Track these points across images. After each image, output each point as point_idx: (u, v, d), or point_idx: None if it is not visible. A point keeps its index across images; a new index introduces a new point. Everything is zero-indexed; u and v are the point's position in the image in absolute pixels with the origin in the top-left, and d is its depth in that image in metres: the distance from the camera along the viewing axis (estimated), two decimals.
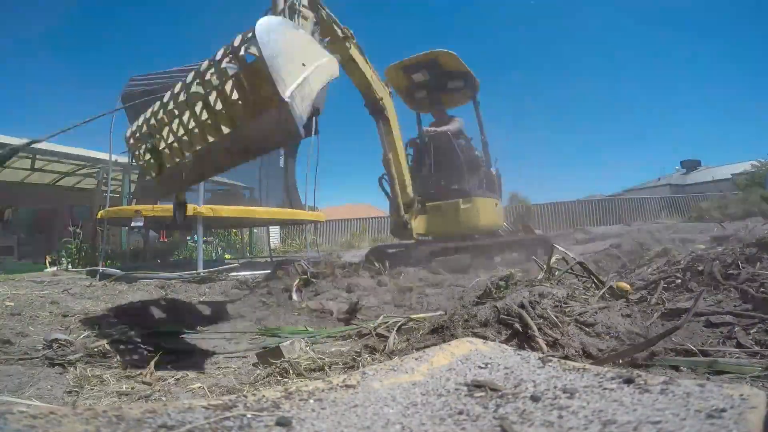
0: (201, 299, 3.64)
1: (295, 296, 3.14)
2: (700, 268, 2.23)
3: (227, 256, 10.56)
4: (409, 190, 4.54)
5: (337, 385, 0.83)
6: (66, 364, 1.81)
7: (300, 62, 1.53)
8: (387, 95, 4.32)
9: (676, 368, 1.39)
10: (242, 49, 1.49)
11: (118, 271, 5.04)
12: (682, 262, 2.54)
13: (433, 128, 5.38)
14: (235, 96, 1.60)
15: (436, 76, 5.33)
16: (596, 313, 1.72)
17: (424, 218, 4.76)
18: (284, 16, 2.33)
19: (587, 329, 1.63)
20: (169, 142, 1.97)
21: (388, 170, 4.48)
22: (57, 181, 12.84)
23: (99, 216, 6.26)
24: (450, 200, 4.82)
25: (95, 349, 1.97)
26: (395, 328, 2.12)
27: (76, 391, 1.52)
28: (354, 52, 3.75)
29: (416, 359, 0.97)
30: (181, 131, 1.88)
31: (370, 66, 4.07)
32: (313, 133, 6.92)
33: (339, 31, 3.50)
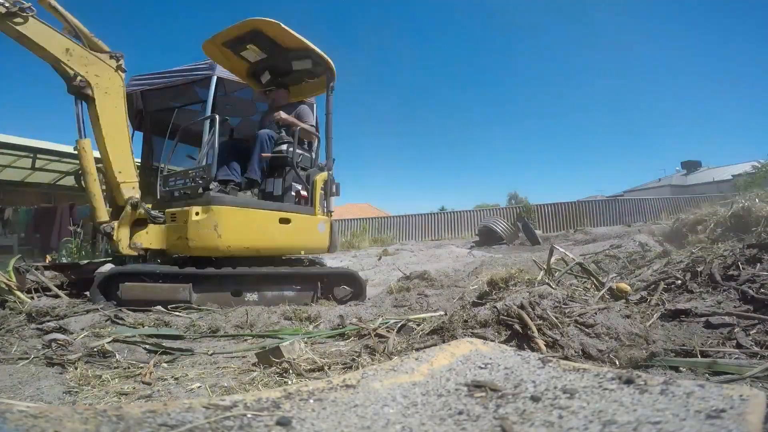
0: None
1: None
2: (700, 269, 2.23)
3: None
4: (126, 188, 3.36)
5: (338, 385, 0.83)
6: (66, 364, 1.81)
7: None
8: (101, 71, 3.22)
9: (675, 369, 1.39)
10: None
11: None
12: (682, 263, 2.54)
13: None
14: None
15: (275, 54, 4.19)
16: (596, 314, 1.72)
17: (157, 229, 3.45)
18: None
19: (587, 330, 1.63)
20: None
21: (80, 161, 3.31)
22: (57, 180, 12.85)
23: None
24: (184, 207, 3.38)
25: (95, 349, 1.97)
26: (395, 329, 2.12)
27: (75, 390, 1.52)
28: (26, 28, 2.85)
29: (416, 359, 0.97)
30: None
31: (70, 32, 3.13)
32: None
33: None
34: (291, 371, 1.58)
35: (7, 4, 2.80)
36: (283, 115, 4.03)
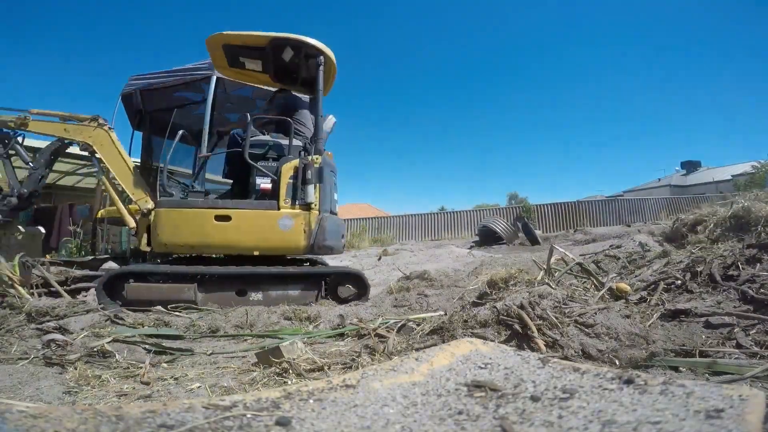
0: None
1: None
2: (700, 269, 2.23)
3: None
4: (141, 203, 3.89)
5: (337, 385, 0.83)
6: (65, 364, 1.81)
7: None
8: (90, 133, 4.06)
9: (675, 369, 1.39)
10: None
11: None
12: (682, 263, 2.54)
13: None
14: None
15: (262, 56, 4.23)
16: (596, 314, 1.72)
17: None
18: None
19: (587, 330, 1.63)
20: None
21: (107, 190, 4.24)
22: (57, 180, 12.83)
23: (99, 215, 6.26)
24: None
25: (95, 349, 1.97)
26: (395, 329, 2.12)
27: (75, 390, 1.52)
28: (31, 127, 4.15)
29: (416, 359, 0.97)
30: None
31: (63, 120, 4.25)
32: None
33: (11, 122, 4.07)
34: (291, 371, 1.58)
35: (12, 119, 4.20)
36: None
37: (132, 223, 3.99)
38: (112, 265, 4.49)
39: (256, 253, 3.59)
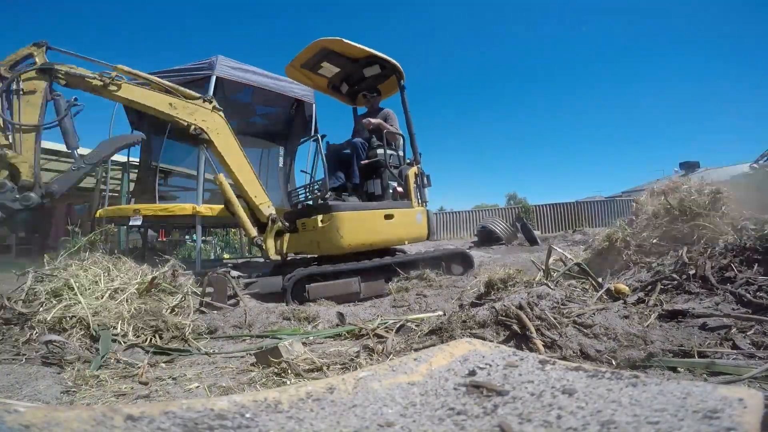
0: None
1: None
2: (693, 272, 2.23)
3: (226, 255, 10.57)
4: (264, 207, 3.92)
5: (336, 385, 0.83)
6: (63, 364, 1.80)
7: None
8: (205, 116, 3.61)
9: (673, 369, 1.40)
10: None
11: None
12: (680, 263, 2.54)
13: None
14: None
15: (347, 65, 4.66)
16: (594, 314, 1.72)
17: (290, 237, 4.08)
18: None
19: (585, 330, 1.63)
20: None
21: (222, 191, 3.87)
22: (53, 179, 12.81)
23: (98, 215, 6.26)
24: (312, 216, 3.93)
25: (92, 349, 1.97)
26: (394, 329, 2.12)
27: (73, 390, 1.52)
28: (123, 92, 3.30)
29: (415, 360, 0.97)
30: None
31: (165, 92, 3.50)
32: (312, 132, 6.95)
33: (94, 80, 3.20)
34: (289, 371, 1.58)
35: (99, 78, 3.20)
36: (373, 120, 4.45)
37: (254, 232, 3.85)
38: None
39: (406, 243, 4.39)
